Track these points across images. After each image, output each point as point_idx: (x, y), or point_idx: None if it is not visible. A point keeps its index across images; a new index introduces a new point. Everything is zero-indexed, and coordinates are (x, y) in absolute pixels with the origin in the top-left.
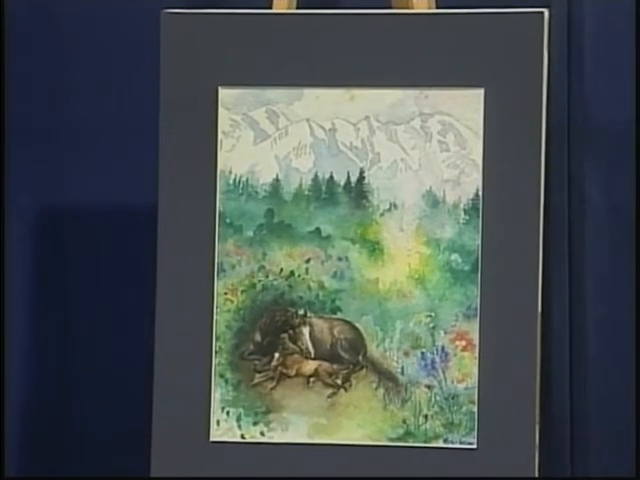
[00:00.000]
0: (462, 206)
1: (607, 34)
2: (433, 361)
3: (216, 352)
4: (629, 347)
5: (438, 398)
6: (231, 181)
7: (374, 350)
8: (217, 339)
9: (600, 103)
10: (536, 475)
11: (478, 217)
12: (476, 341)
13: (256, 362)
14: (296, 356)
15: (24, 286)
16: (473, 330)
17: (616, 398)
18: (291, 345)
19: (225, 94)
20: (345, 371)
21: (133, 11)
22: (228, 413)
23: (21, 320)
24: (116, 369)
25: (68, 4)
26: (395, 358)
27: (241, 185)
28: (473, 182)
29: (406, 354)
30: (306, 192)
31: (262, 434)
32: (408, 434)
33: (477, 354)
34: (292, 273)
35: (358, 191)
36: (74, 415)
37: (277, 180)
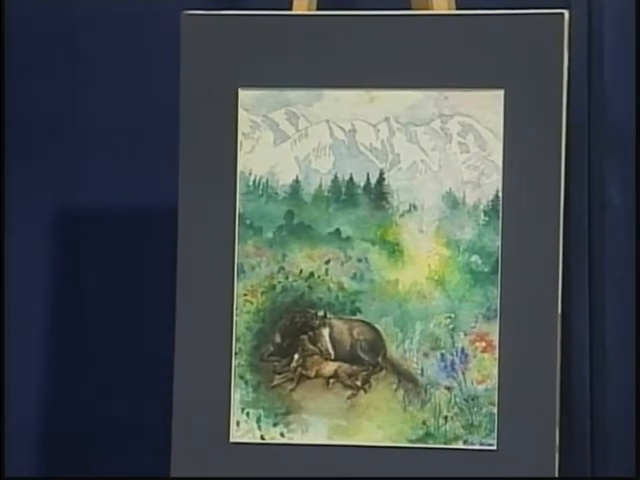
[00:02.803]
0: (482, 207)
1: (627, 35)
2: (453, 362)
3: (236, 353)
4: None
5: (458, 399)
6: (251, 182)
7: (394, 351)
8: (237, 340)
9: (620, 104)
10: (556, 476)
11: (498, 218)
12: (496, 342)
13: (276, 363)
14: (316, 357)
15: (41, 287)
16: (493, 331)
17: (636, 399)
18: (311, 346)
19: (245, 95)
20: (365, 372)
21: (152, 12)
22: (248, 414)
23: (38, 321)
24: (136, 370)
25: (85, 5)
26: (415, 359)
27: (261, 186)
28: (493, 183)
29: (426, 355)
30: (326, 193)
31: (282, 435)
32: (428, 435)
33: (497, 355)
34: (312, 274)
35: (378, 192)
36: (94, 415)
37: (297, 181)
